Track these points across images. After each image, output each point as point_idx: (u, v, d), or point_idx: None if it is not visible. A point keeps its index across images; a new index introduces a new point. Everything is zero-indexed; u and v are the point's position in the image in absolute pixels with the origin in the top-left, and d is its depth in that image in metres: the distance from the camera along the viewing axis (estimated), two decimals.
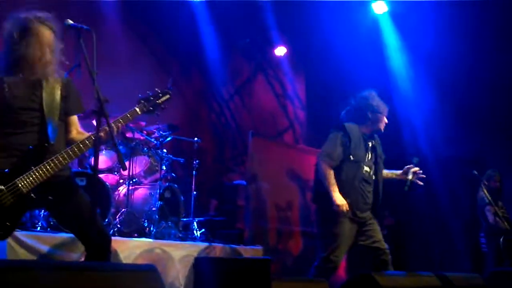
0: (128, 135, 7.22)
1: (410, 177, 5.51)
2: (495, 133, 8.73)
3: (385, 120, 5.54)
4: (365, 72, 8.64)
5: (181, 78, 9.67)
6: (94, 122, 3.62)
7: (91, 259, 3.56)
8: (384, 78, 8.95)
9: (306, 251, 8.25)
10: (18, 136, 3.45)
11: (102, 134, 3.47)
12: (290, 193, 8.52)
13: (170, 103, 3.87)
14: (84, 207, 3.58)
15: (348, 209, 5.17)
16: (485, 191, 7.22)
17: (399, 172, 5.67)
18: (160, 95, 3.79)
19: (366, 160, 5.44)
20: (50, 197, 3.47)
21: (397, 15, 8.83)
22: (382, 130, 5.56)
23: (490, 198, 7.19)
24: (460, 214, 8.83)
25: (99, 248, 3.56)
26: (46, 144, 3.46)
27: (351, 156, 5.33)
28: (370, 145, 5.53)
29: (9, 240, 4.62)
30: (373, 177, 5.49)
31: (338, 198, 5.15)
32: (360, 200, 5.33)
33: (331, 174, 5.26)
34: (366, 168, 5.42)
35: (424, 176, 5.59)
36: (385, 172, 5.71)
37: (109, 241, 3.62)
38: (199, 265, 3.68)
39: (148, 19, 9.17)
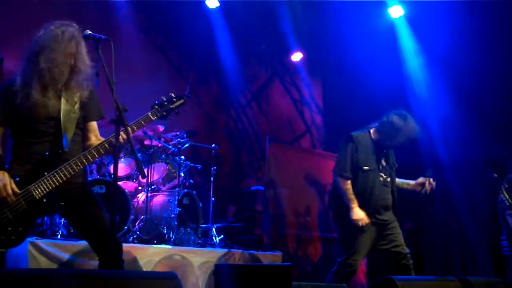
0: (146, 142, 7.26)
1: (423, 189, 5.50)
2: None
3: (399, 143, 5.42)
4: (381, 75, 8.62)
5: (198, 85, 9.70)
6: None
7: (104, 268, 3.58)
8: (401, 82, 8.92)
9: (326, 257, 8.22)
10: (35, 146, 3.50)
11: (113, 141, 3.49)
12: (308, 198, 8.50)
13: (188, 110, 3.89)
14: (97, 216, 3.62)
15: (367, 222, 5.14)
16: (506, 195, 7.14)
17: (412, 182, 5.63)
18: (174, 100, 3.80)
19: (381, 167, 5.41)
20: (62, 203, 3.51)
21: (413, 19, 8.80)
22: (391, 148, 5.50)
23: (511, 201, 7.11)
24: (479, 217, 8.75)
25: (111, 258, 3.57)
26: (60, 151, 3.50)
27: (364, 167, 5.30)
28: (384, 152, 5.48)
29: (30, 248, 4.68)
30: (389, 182, 5.46)
31: (357, 213, 5.14)
32: (380, 205, 5.31)
33: (349, 188, 5.22)
34: (382, 174, 5.40)
35: (435, 183, 5.53)
36: (398, 181, 5.67)
37: (121, 251, 3.64)
38: (220, 271, 3.69)
39: (164, 27, 9.22)
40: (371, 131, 5.49)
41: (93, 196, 3.70)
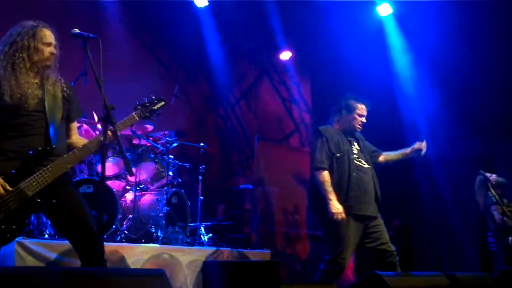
0: (135, 141, 7.25)
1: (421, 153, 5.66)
2: (499, 132, 8.71)
3: (362, 120, 5.57)
4: (370, 73, 8.65)
5: (187, 84, 9.69)
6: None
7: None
8: (389, 80, 8.96)
9: (314, 254, 8.23)
10: (20, 140, 3.47)
11: (101, 139, 3.51)
12: (296, 196, 8.52)
13: (177, 108, 3.95)
14: (83, 215, 3.59)
15: (343, 217, 5.13)
16: (493, 191, 7.19)
17: (408, 150, 5.75)
18: (156, 101, 3.91)
19: (354, 151, 5.46)
20: (54, 200, 3.49)
21: (402, 17, 8.83)
22: (358, 129, 5.59)
23: (497, 197, 7.16)
24: (467, 213, 8.81)
25: (94, 258, 3.54)
26: (48, 148, 3.48)
27: (337, 154, 5.35)
28: (353, 139, 5.56)
29: (17, 247, 4.65)
30: (366, 166, 5.48)
31: (334, 206, 5.12)
32: (361, 192, 5.31)
33: (327, 180, 5.23)
34: (359, 159, 5.45)
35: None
36: (392, 154, 5.78)
37: (103, 250, 3.61)
38: (208, 268, 3.68)
39: (153, 26, 9.21)
40: (333, 125, 5.63)
41: (79, 195, 3.68)
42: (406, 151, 5.75)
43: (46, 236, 5.32)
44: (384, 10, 8.78)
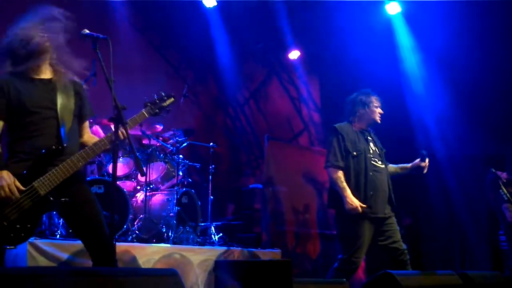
0: (145, 141, 7.27)
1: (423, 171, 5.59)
2: (509, 131, 8.66)
3: (380, 110, 5.59)
4: (378, 72, 8.63)
5: (196, 84, 9.70)
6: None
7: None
8: (398, 78, 8.93)
9: (325, 254, 8.23)
10: (32, 140, 3.48)
11: (112, 137, 3.52)
12: (306, 196, 8.51)
13: (186, 109, 3.93)
14: (95, 215, 3.60)
15: (360, 209, 5.14)
16: (504, 189, 7.16)
17: (408, 165, 5.68)
18: (165, 98, 3.90)
19: (371, 151, 5.45)
20: (66, 199, 3.50)
21: (410, 15, 8.80)
22: (379, 121, 5.59)
23: (509, 195, 7.13)
24: (477, 212, 8.77)
25: (106, 258, 3.53)
26: (60, 147, 3.48)
27: (354, 152, 5.35)
28: (370, 138, 5.56)
29: (29, 248, 4.68)
30: (383, 168, 5.48)
31: (350, 200, 5.14)
32: (378, 192, 5.30)
33: (340, 177, 5.26)
34: (375, 159, 5.43)
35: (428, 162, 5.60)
36: (392, 167, 5.72)
37: (115, 251, 3.57)
38: (220, 268, 3.68)
39: (161, 26, 9.22)
40: (352, 123, 5.61)
41: (91, 194, 3.69)
42: (406, 166, 5.69)
43: (58, 236, 5.35)
44: (393, 9, 8.75)
